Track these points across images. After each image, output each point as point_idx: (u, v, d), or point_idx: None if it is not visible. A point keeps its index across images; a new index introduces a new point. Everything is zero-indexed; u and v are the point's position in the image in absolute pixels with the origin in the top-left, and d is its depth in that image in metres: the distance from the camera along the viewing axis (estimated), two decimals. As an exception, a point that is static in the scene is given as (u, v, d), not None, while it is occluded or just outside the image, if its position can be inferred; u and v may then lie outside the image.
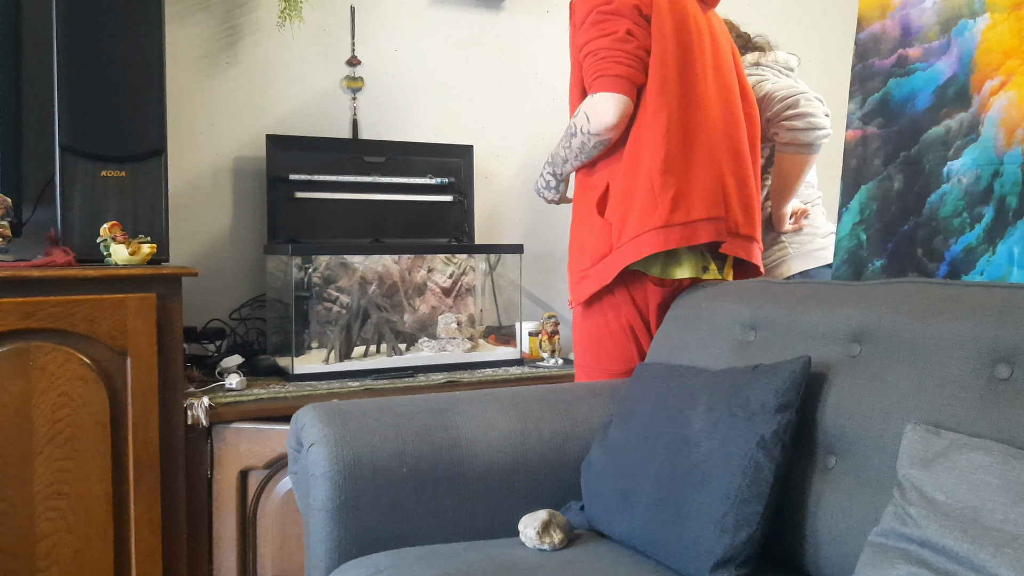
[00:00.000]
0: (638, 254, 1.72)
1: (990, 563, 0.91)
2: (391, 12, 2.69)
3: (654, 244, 1.71)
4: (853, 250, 1.73)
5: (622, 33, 1.71)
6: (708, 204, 1.76)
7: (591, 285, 1.80)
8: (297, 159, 2.41)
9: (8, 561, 1.67)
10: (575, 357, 1.95)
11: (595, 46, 1.74)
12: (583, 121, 1.75)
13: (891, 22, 1.69)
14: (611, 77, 1.71)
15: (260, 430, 1.89)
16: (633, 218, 1.73)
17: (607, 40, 1.72)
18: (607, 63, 1.72)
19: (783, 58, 2.28)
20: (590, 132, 1.74)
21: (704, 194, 1.76)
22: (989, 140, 1.49)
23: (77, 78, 1.86)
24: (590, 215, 1.82)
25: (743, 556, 1.21)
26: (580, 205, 1.87)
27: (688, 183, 1.75)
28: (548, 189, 2.01)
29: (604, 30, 1.72)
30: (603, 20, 1.73)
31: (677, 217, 1.72)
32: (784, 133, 2.11)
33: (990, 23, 1.50)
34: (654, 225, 1.71)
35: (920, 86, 1.62)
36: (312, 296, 2.28)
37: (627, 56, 1.72)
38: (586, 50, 1.75)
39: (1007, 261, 1.45)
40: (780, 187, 2.19)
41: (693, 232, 1.74)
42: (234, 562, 1.91)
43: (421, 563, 1.30)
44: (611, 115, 1.71)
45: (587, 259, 1.81)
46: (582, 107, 1.76)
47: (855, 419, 1.24)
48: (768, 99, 2.13)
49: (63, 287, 1.71)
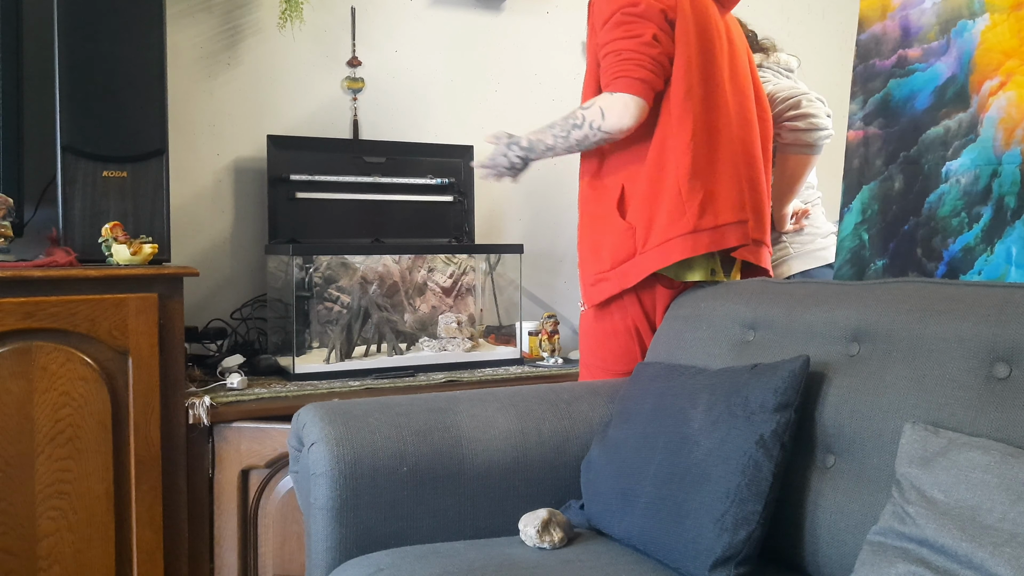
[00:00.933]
0: (667, 259, 1.71)
1: (989, 562, 0.92)
2: (392, 13, 2.69)
3: (683, 249, 1.71)
4: (855, 250, 1.73)
5: (648, 37, 1.70)
6: (734, 208, 1.76)
7: (609, 288, 1.78)
8: (298, 159, 2.41)
9: (9, 560, 1.67)
10: (580, 356, 1.95)
11: (619, 46, 1.71)
12: (596, 116, 1.72)
13: (891, 23, 1.69)
14: (633, 80, 1.70)
15: (261, 429, 1.89)
16: (660, 223, 1.72)
17: (633, 42, 1.70)
18: (631, 65, 1.70)
19: (784, 59, 2.29)
20: (601, 129, 1.72)
21: (729, 198, 1.76)
22: (988, 140, 1.50)
23: (78, 78, 1.87)
24: (609, 216, 1.79)
25: (742, 555, 1.21)
26: (594, 205, 1.84)
27: (714, 188, 1.74)
28: (512, 169, 1.89)
29: (630, 31, 1.71)
30: (630, 21, 1.71)
31: (705, 222, 1.72)
32: (786, 134, 2.12)
33: (989, 24, 1.51)
34: (683, 231, 1.71)
35: (920, 86, 1.63)
36: (313, 296, 2.28)
37: (651, 61, 1.70)
38: (609, 48, 1.73)
39: (1005, 261, 1.45)
40: (782, 187, 2.19)
41: (721, 237, 1.74)
42: (235, 561, 1.91)
43: (421, 562, 1.30)
44: (629, 117, 1.70)
45: (605, 261, 1.78)
46: (597, 102, 1.73)
47: (854, 418, 1.25)
48: (770, 100, 2.14)
49: (64, 287, 1.72)
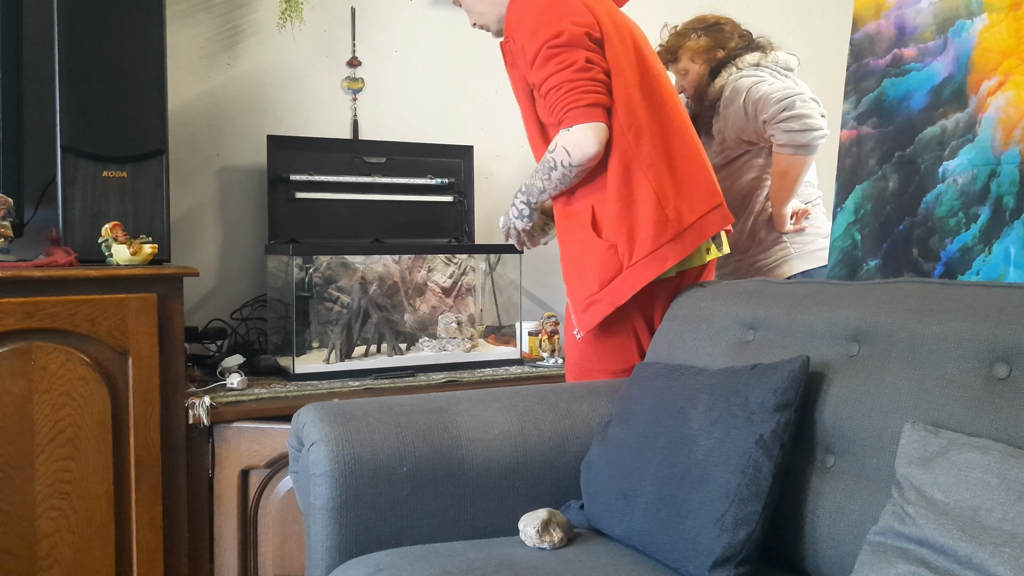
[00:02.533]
0: (663, 266, 1.72)
1: (988, 562, 0.92)
2: (391, 13, 2.69)
3: (676, 253, 1.72)
4: (847, 250, 1.73)
5: (581, 63, 1.70)
6: (706, 195, 1.79)
7: (602, 309, 1.76)
8: (298, 159, 2.41)
9: (9, 561, 1.67)
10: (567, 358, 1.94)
11: (557, 80, 1.71)
12: (563, 156, 1.72)
13: (886, 22, 1.70)
14: (583, 108, 1.69)
15: (261, 429, 1.89)
16: (643, 233, 1.73)
17: (568, 72, 1.70)
18: (574, 95, 1.70)
19: (783, 58, 2.29)
20: (572, 165, 1.72)
21: (698, 187, 1.78)
22: (986, 140, 1.50)
23: (78, 78, 1.87)
24: (586, 239, 1.78)
25: (742, 555, 1.21)
26: (569, 233, 1.83)
27: (682, 184, 1.76)
28: (520, 218, 1.92)
29: (562, 62, 1.70)
30: (558, 54, 1.70)
31: (687, 219, 1.74)
32: (781, 135, 2.12)
33: (988, 23, 1.51)
34: (670, 236, 1.72)
35: (915, 86, 1.63)
36: (313, 296, 2.28)
37: (592, 83, 1.70)
38: (547, 85, 1.72)
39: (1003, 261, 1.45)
40: (779, 188, 2.19)
41: (703, 228, 1.76)
42: (235, 561, 1.91)
43: (421, 562, 1.30)
44: (592, 145, 1.70)
45: (593, 283, 1.77)
46: (558, 142, 1.73)
47: (854, 418, 1.25)
48: (764, 101, 2.14)
49: (64, 287, 1.72)
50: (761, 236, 2.29)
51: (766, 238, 2.29)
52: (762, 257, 2.29)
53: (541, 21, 1.72)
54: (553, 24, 1.70)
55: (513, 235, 1.97)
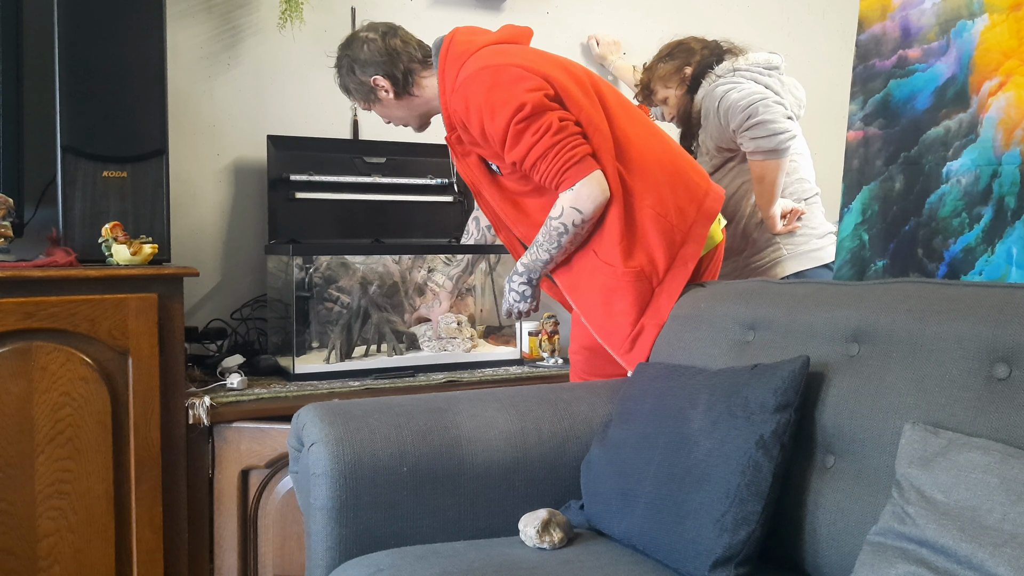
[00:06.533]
0: (688, 270, 1.77)
1: (988, 562, 0.92)
2: (391, 13, 2.69)
3: (693, 252, 1.79)
4: (856, 250, 1.73)
5: (556, 125, 1.70)
6: (693, 187, 1.83)
7: (650, 333, 1.75)
8: (298, 159, 2.41)
9: (9, 560, 1.67)
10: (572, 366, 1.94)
11: (540, 149, 1.70)
12: (573, 215, 1.72)
13: (891, 23, 1.69)
14: (574, 165, 1.70)
15: (261, 429, 1.89)
16: (658, 250, 1.76)
17: (547, 138, 1.69)
18: (563, 155, 1.70)
19: (764, 58, 2.25)
20: (585, 220, 1.73)
21: (686, 184, 1.81)
22: (988, 141, 1.50)
23: (78, 78, 1.87)
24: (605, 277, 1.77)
25: (742, 555, 1.21)
26: (586, 292, 1.82)
27: (673, 188, 1.79)
28: (523, 300, 1.91)
29: (536, 131, 1.69)
30: (528, 126, 1.69)
31: (689, 217, 1.80)
32: (748, 143, 2.13)
33: (989, 24, 1.51)
34: (682, 240, 1.78)
35: (920, 87, 1.63)
36: (313, 296, 2.28)
37: (572, 138, 1.71)
38: (532, 157, 1.71)
39: (1006, 261, 1.45)
40: (760, 193, 2.19)
41: (707, 215, 1.82)
42: (235, 561, 1.91)
43: (421, 562, 1.30)
44: (599, 194, 1.71)
45: (629, 314, 1.76)
46: (563, 204, 1.72)
47: (854, 418, 1.25)
48: (732, 109, 2.13)
49: (64, 287, 1.72)
50: (754, 238, 2.29)
51: (759, 239, 2.29)
52: (756, 259, 2.29)
53: (495, 102, 1.70)
54: (509, 101, 1.69)
55: (515, 315, 1.97)
